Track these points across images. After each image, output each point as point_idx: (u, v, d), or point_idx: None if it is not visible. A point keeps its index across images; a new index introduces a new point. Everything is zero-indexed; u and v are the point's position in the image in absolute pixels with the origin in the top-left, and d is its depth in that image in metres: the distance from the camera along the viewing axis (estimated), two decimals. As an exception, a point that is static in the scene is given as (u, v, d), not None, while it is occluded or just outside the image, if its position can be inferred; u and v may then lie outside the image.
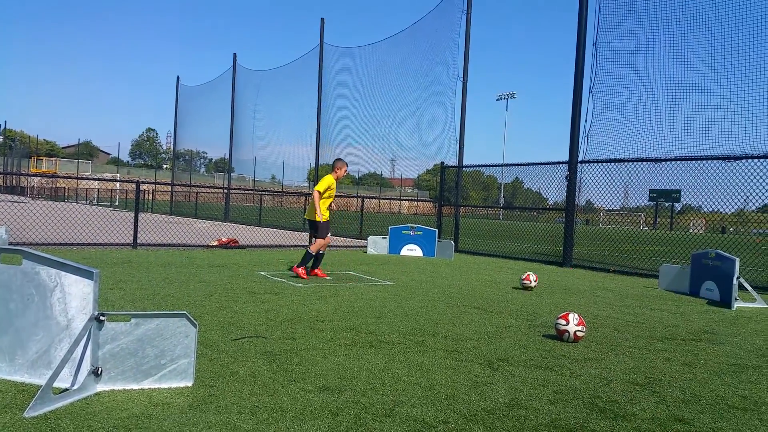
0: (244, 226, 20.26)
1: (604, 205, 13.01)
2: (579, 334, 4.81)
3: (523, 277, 8.04)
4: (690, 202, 12.88)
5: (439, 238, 13.28)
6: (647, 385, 3.75)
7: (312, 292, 6.80)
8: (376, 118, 19.25)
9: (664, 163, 10.91)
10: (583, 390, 3.57)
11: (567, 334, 4.81)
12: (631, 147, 11.68)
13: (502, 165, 14.84)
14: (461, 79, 14.64)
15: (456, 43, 14.93)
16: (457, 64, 14.82)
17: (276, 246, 13.37)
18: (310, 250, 8.11)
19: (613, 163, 11.67)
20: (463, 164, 15.10)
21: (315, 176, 21.86)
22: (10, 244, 9.68)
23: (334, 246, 14.50)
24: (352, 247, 14.51)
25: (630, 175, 11.60)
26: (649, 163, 11.12)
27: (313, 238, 8.35)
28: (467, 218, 16.54)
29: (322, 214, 8.03)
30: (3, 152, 67.82)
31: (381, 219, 24.04)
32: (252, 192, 28.78)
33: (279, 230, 20.07)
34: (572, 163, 12.08)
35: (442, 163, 15.52)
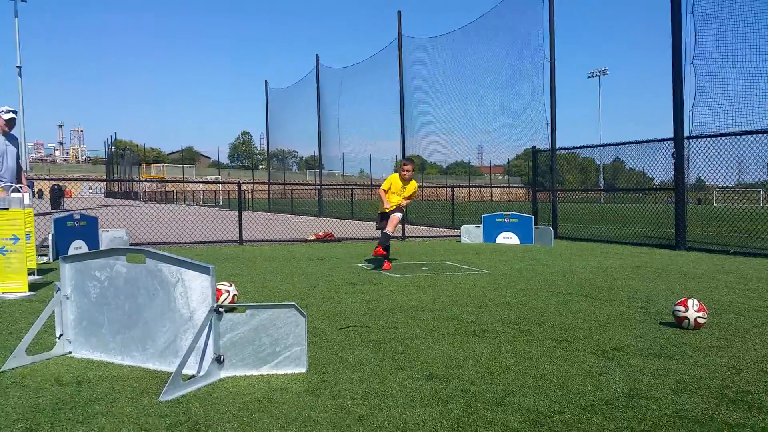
0: (338, 220, 20.72)
1: (716, 183, 12.13)
2: (700, 320, 4.51)
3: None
4: (817, 175, 11.72)
5: (535, 224, 12.95)
6: (782, 374, 3.46)
7: (410, 283, 6.83)
8: (460, 106, 18.97)
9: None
10: (709, 379, 3.35)
11: (687, 320, 4.53)
12: (744, 118, 10.74)
13: (599, 146, 14.17)
14: (548, 59, 14.12)
15: (540, 22, 14.40)
16: (543, 44, 14.31)
17: (370, 238, 13.56)
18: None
19: (723, 138, 10.82)
20: (556, 147, 14.57)
21: (403, 168, 21.89)
22: (131, 244, 10.46)
23: (428, 236, 14.51)
24: (444, 237, 14.46)
25: (744, 148, 10.69)
26: (765, 134, 10.23)
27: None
28: (564, 203, 15.93)
29: (387, 205, 8.36)
30: (116, 161, 73.14)
31: (472, 208, 23.74)
32: (343, 187, 29.42)
33: (371, 222, 20.33)
34: (677, 139, 11.34)
35: (534, 147, 15.07)
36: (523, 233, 12.67)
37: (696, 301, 4.57)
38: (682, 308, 4.55)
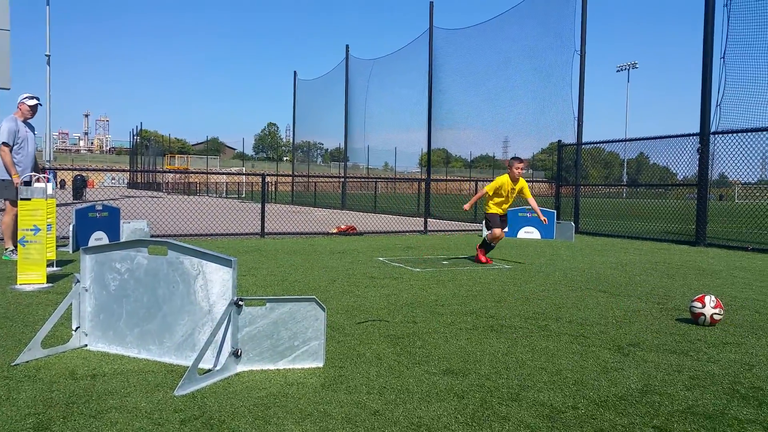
0: (361, 213, 20.78)
1: (739, 179, 11.97)
2: (716, 317, 4.48)
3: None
4: None
5: (557, 219, 12.86)
6: (801, 373, 3.42)
7: (430, 277, 6.85)
8: (487, 99, 18.89)
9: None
10: (721, 376, 3.34)
11: (703, 317, 4.50)
12: (770, 114, 10.60)
13: (624, 140, 14.00)
14: (578, 52, 13.97)
15: (572, 15, 14.28)
16: (574, 37, 14.17)
17: (392, 232, 13.59)
18: (486, 238, 8.46)
19: (749, 133, 10.64)
20: (582, 141, 14.44)
21: (428, 161, 21.89)
22: (152, 236, 10.61)
23: (450, 230, 14.49)
24: (466, 231, 14.42)
25: (770, 144, 10.53)
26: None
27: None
28: (587, 198, 15.84)
29: (487, 210, 8.30)
30: (140, 152, 73.97)
31: (495, 201, 23.60)
32: (367, 179, 29.44)
33: (394, 216, 20.35)
34: (704, 134, 11.17)
35: (559, 141, 14.94)
36: (544, 228, 12.58)
37: (713, 297, 4.54)
38: (699, 304, 4.52)
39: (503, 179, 8.18)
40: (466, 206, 8.36)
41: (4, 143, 7.36)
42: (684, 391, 3.10)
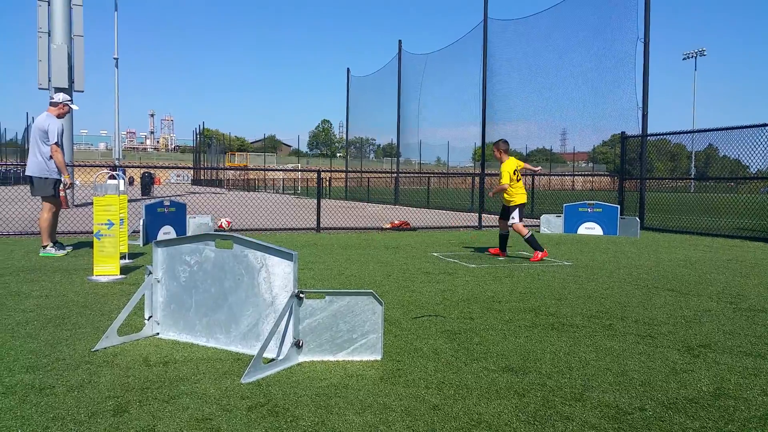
0: (414, 209, 20.75)
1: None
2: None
3: None
4: None
5: (621, 214, 12.46)
6: None
7: (486, 273, 6.77)
8: (544, 90, 18.48)
9: None
10: (806, 382, 3.14)
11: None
12: None
13: (693, 131, 13.40)
14: (642, 40, 13.44)
15: (634, 1, 13.74)
16: (637, 24, 13.63)
17: (446, 227, 13.51)
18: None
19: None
20: (648, 133, 13.90)
21: (482, 155, 21.65)
22: (215, 230, 10.91)
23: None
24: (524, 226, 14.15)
25: None
26: None
27: None
28: (653, 192, 15.27)
29: None
30: (203, 150, 76.27)
31: (553, 196, 23.15)
32: (419, 175, 29.38)
33: (447, 211, 20.23)
34: (780, 125, 10.57)
35: (623, 133, 14.45)
36: (606, 223, 12.22)
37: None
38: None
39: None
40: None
41: (56, 143, 7.45)
42: (762, 396, 2.94)
